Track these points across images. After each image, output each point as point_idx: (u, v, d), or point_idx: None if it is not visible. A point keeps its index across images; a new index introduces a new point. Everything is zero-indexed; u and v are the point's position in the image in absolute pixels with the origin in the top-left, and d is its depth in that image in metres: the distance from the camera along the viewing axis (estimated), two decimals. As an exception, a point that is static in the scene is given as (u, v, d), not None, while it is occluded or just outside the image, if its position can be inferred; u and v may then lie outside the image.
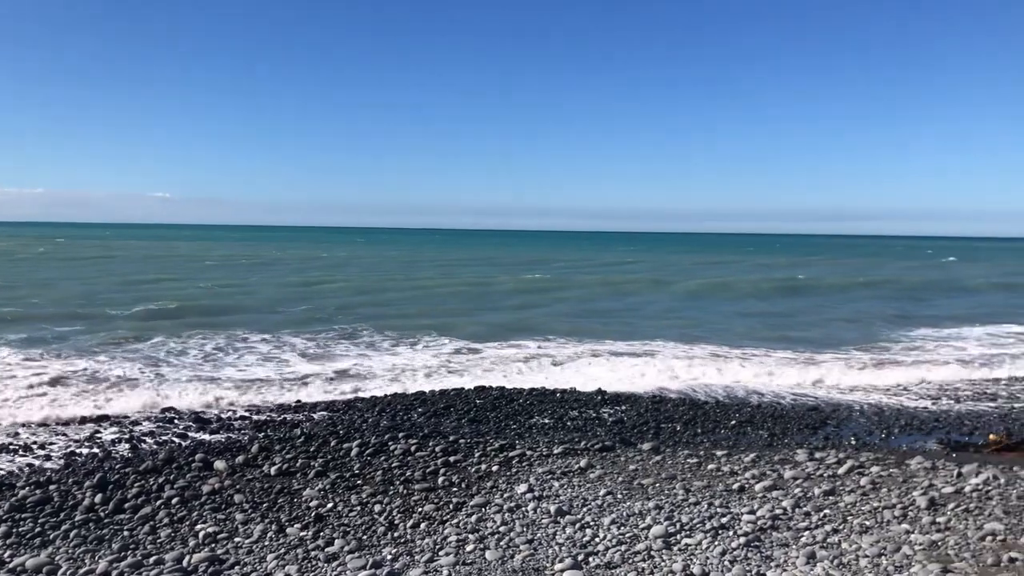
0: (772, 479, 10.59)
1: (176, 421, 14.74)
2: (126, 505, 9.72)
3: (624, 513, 9.19)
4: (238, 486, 10.54)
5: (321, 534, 8.76)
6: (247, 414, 15.49)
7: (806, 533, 8.50)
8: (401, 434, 13.07)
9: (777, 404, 16.99)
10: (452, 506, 9.67)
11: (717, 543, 8.20)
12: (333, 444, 12.61)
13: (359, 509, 9.62)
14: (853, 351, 24.45)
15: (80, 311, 31.03)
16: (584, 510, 9.36)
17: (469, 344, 24.75)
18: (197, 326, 26.98)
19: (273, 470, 11.16)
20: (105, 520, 9.28)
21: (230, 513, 9.52)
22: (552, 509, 9.28)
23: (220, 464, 11.41)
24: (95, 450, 12.49)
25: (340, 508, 9.65)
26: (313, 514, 9.38)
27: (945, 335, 28.75)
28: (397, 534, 8.77)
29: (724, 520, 8.87)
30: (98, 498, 9.85)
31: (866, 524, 8.77)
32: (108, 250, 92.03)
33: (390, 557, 8.05)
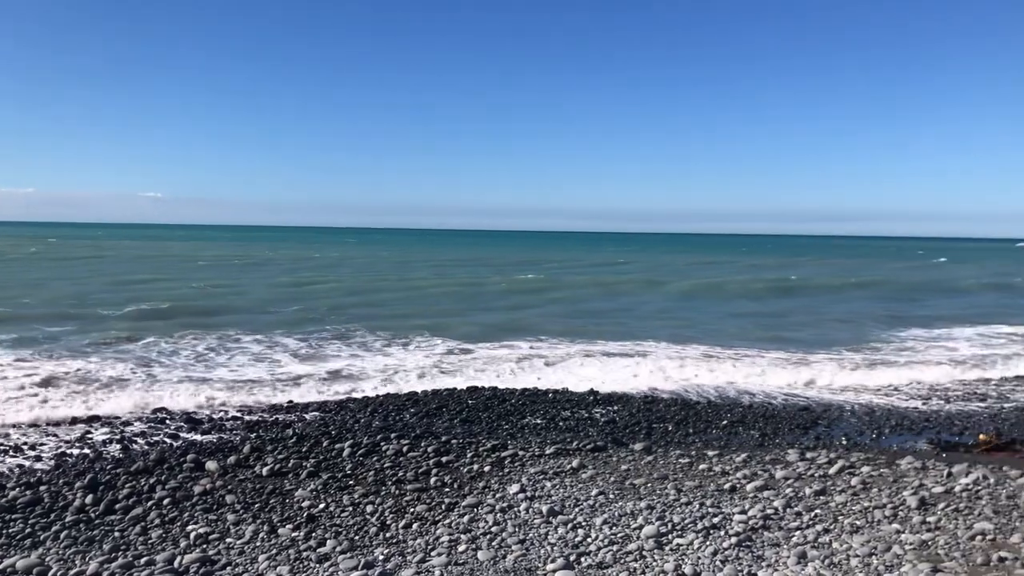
0: (763, 479, 10.62)
1: (168, 422, 14.71)
2: (117, 506, 9.69)
3: (616, 513, 9.21)
4: (230, 487, 10.52)
5: (313, 534, 8.75)
6: (239, 414, 15.47)
7: (797, 533, 8.53)
8: (393, 434, 13.07)
9: (768, 404, 17.04)
10: (444, 506, 9.68)
11: (709, 543, 8.22)
12: (325, 444, 12.60)
13: (351, 509, 9.61)
14: (844, 351, 24.53)
15: (71, 311, 30.92)
16: (576, 510, 9.37)
17: (462, 344, 24.74)
18: (189, 326, 26.91)
19: (265, 470, 11.14)
20: (96, 521, 9.26)
21: (222, 514, 9.51)
22: (544, 509, 9.28)
23: (212, 465, 11.39)
24: (86, 451, 12.46)
25: (332, 508, 9.64)
26: (305, 514, 9.37)
27: (936, 335, 28.88)
28: (389, 534, 8.77)
29: (716, 520, 8.89)
30: (89, 499, 9.82)
31: (857, 524, 8.81)
32: (100, 250, 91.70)
33: (382, 557, 8.05)
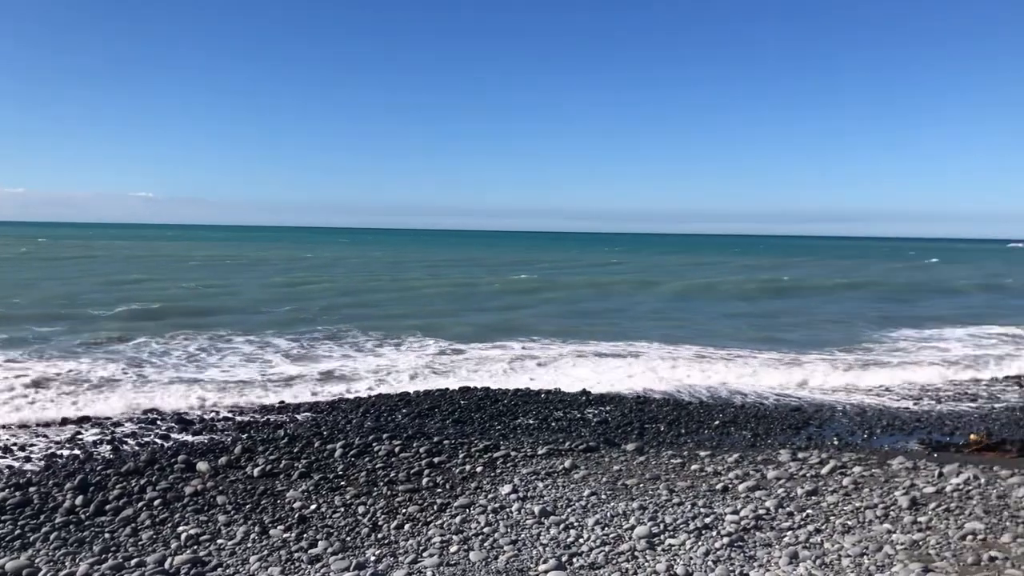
0: (755, 479, 10.64)
1: (158, 422, 14.64)
2: (107, 507, 9.64)
3: (608, 514, 9.21)
4: (221, 487, 10.48)
5: (304, 535, 8.72)
6: (230, 415, 15.41)
7: (789, 533, 8.54)
8: (385, 435, 13.04)
9: (760, 404, 17.06)
10: (436, 507, 9.66)
11: (700, 543, 8.22)
12: (317, 445, 12.56)
13: (343, 510, 9.58)
14: (836, 352, 24.59)
15: (62, 312, 30.78)
16: (568, 511, 9.36)
17: (454, 345, 24.72)
18: (180, 327, 26.81)
19: (256, 471, 11.10)
20: (86, 522, 9.21)
21: (213, 515, 9.47)
22: (536, 510, 9.28)
23: (203, 465, 11.35)
24: (76, 452, 12.39)
25: (323, 509, 9.62)
26: (296, 515, 9.34)
27: (927, 336, 28.97)
28: (381, 535, 8.75)
29: (707, 520, 8.90)
30: (79, 500, 9.76)
31: (848, 524, 8.82)
32: (90, 250, 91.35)
33: (374, 558, 8.02)
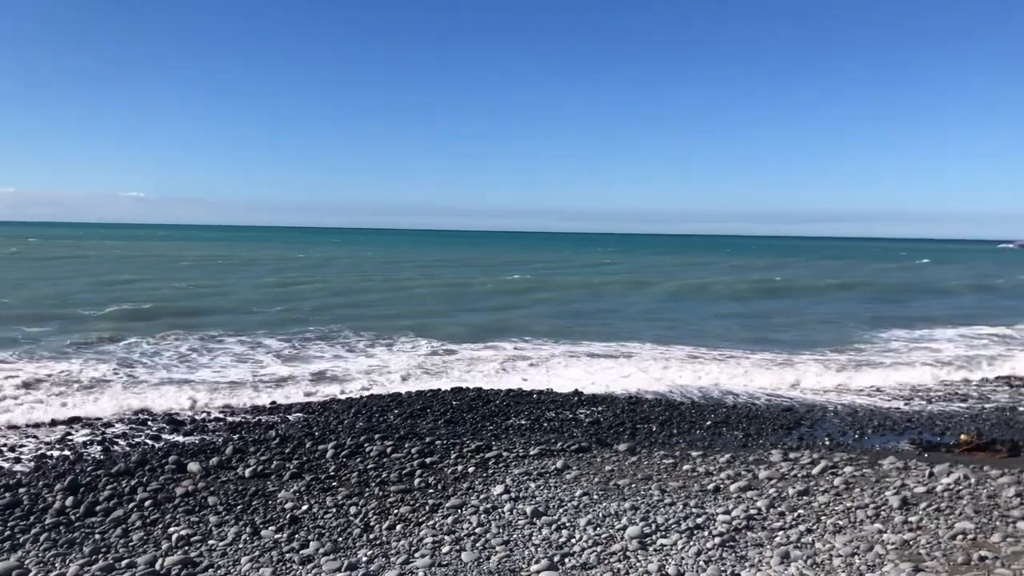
0: (747, 479, 10.65)
1: (149, 423, 14.59)
2: (98, 508, 9.60)
3: (600, 514, 9.21)
4: (212, 488, 10.45)
5: (296, 536, 8.70)
6: (221, 416, 15.36)
7: (780, 533, 8.55)
8: (377, 436, 13.02)
9: (752, 405, 17.09)
10: (428, 507, 9.64)
11: (692, 543, 8.23)
12: (308, 446, 12.53)
13: (334, 511, 9.56)
14: (828, 352, 24.65)
15: (52, 312, 30.65)
16: (560, 511, 9.36)
17: (446, 345, 24.70)
18: (172, 327, 26.72)
19: (247, 472, 11.07)
20: (76, 523, 9.16)
21: (204, 515, 9.44)
22: (528, 510, 9.27)
23: (194, 466, 11.31)
24: (66, 452, 12.33)
25: (315, 510, 9.59)
26: (288, 516, 9.32)
27: (918, 336, 29.07)
28: (372, 536, 8.73)
29: (699, 520, 8.90)
30: (69, 501, 9.72)
31: (839, 524, 8.84)
32: (81, 250, 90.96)
33: (365, 559, 8.01)
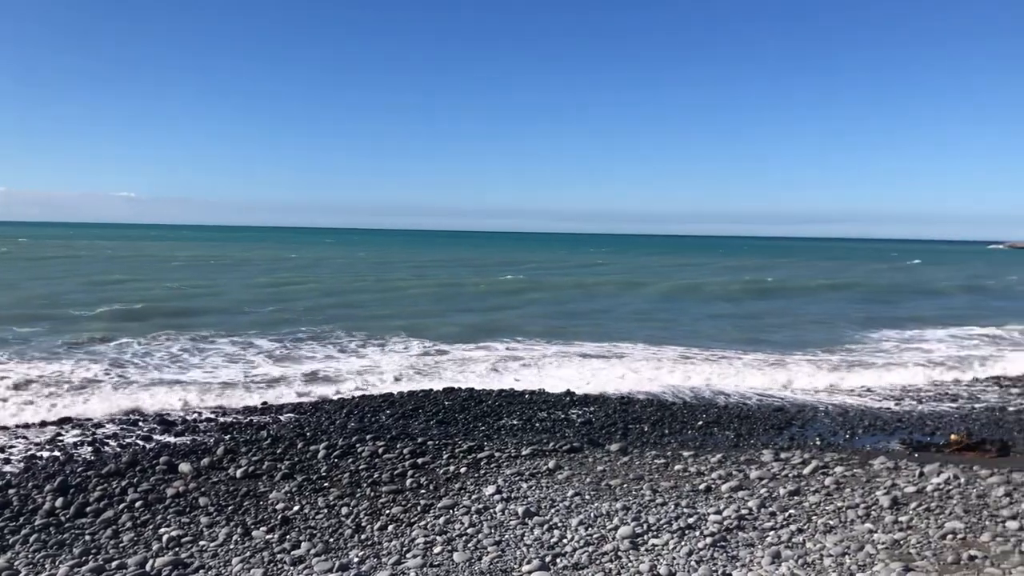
0: (738, 479, 10.67)
1: (140, 423, 14.54)
2: (88, 509, 9.57)
3: (592, 514, 9.21)
4: (203, 489, 10.42)
5: (287, 537, 8.68)
6: (213, 416, 15.32)
7: (771, 533, 8.57)
8: (369, 436, 13.00)
9: (743, 405, 17.13)
10: (420, 508, 9.63)
11: (684, 543, 8.24)
12: (300, 446, 12.50)
13: (326, 511, 9.54)
14: (820, 353, 24.73)
15: (43, 312, 30.51)
16: (552, 511, 9.36)
17: (439, 345, 24.68)
18: (163, 327, 26.65)
19: (239, 472, 11.04)
20: (66, 524, 9.13)
21: (195, 516, 9.41)
22: (520, 510, 9.27)
23: (185, 467, 11.28)
24: (56, 453, 12.27)
25: (307, 510, 9.57)
26: (279, 517, 9.29)
27: (909, 337, 29.18)
28: (364, 536, 8.71)
29: (691, 520, 8.92)
30: (59, 502, 9.68)
31: (830, 524, 8.87)
32: (72, 250, 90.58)
33: (357, 559, 8.00)
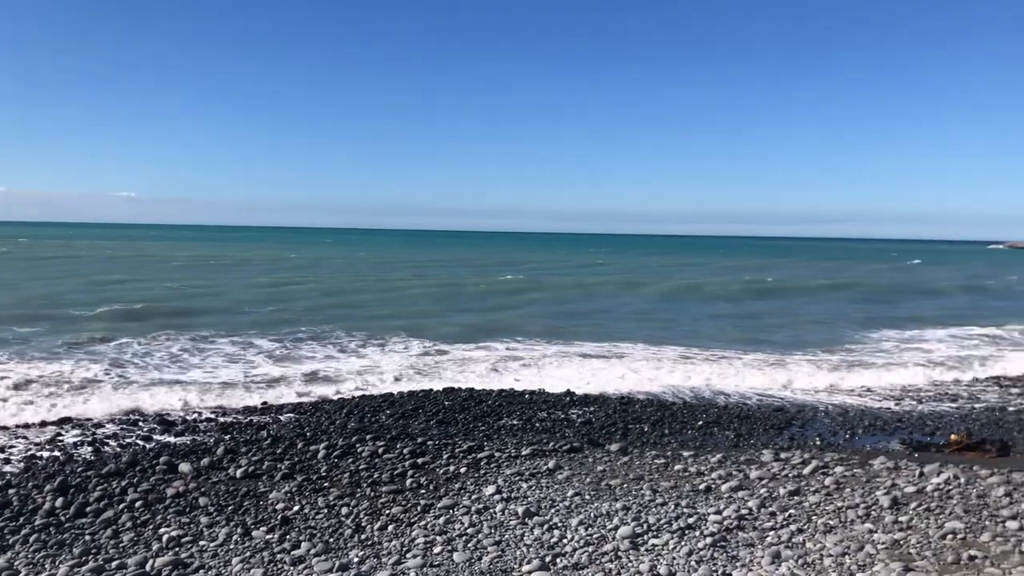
0: (738, 479, 10.67)
1: (140, 423, 14.54)
2: (88, 509, 9.57)
3: (592, 514, 9.21)
4: (203, 489, 10.42)
5: (287, 537, 8.68)
6: (213, 416, 15.32)
7: (771, 533, 8.57)
8: (369, 436, 13.00)
9: (743, 405, 17.13)
10: (420, 508, 9.63)
11: (684, 543, 8.24)
12: (300, 446, 12.50)
13: (326, 511, 9.54)
14: (819, 353, 24.72)
15: (43, 312, 30.51)
16: (552, 511, 9.36)
17: (439, 345, 24.68)
18: (163, 327, 26.65)
19: (239, 472, 11.04)
20: (66, 524, 9.13)
21: (195, 516, 9.41)
22: (520, 510, 9.27)
23: (185, 467, 11.28)
24: (56, 453, 12.27)
25: (307, 510, 9.57)
26: (279, 517, 9.29)
27: (909, 337, 29.17)
28: (364, 536, 8.71)
29: (691, 520, 8.92)
30: (59, 502, 9.68)
31: (830, 524, 8.87)
32: (72, 250, 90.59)
33: (357, 559, 8.00)
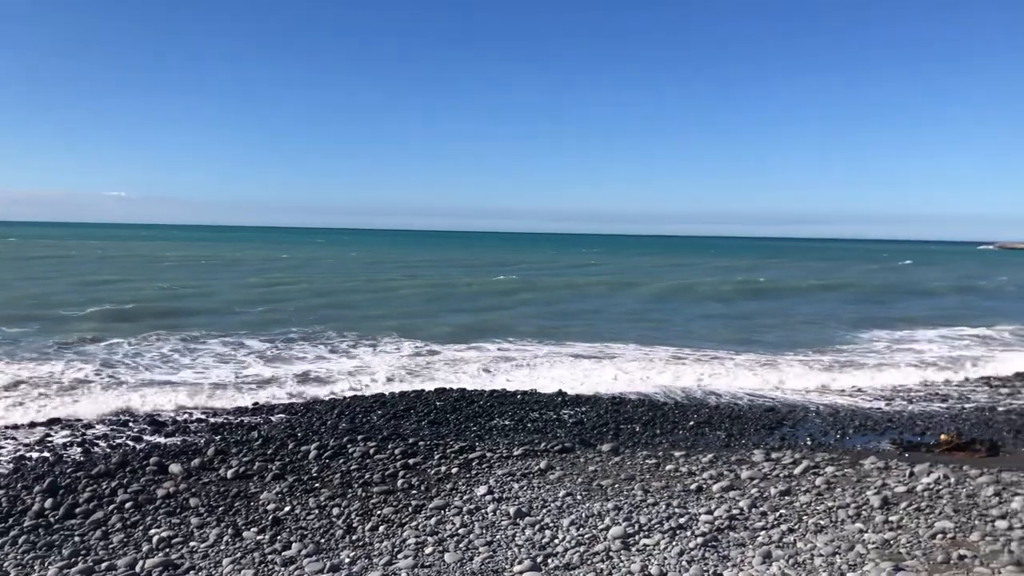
0: (729, 479, 10.69)
1: (131, 424, 14.48)
2: (77, 510, 9.52)
3: (583, 514, 9.21)
4: (194, 489, 10.38)
5: (278, 538, 8.65)
6: (203, 417, 15.27)
7: (762, 533, 8.59)
8: (360, 436, 12.97)
9: (735, 405, 17.17)
10: (411, 508, 9.62)
11: (675, 543, 8.24)
12: (291, 447, 12.47)
13: (317, 512, 9.52)
14: (811, 353, 24.80)
15: (33, 312, 30.37)
16: (543, 511, 9.36)
17: (430, 346, 24.66)
18: (154, 328, 26.56)
19: (230, 473, 11.00)
20: (55, 526, 9.08)
21: (185, 517, 9.37)
22: (512, 511, 9.26)
23: (175, 467, 11.23)
24: (45, 454, 12.22)
25: (298, 511, 9.55)
26: (270, 517, 9.26)
27: (900, 337, 29.27)
28: (355, 537, 8.70)
29: (682, 520, 8.93)
30: (48, 503, 9.63)
31: (821, 523, 8.89)
32: (63, 250, 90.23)
33: (348, 560, 7.98)
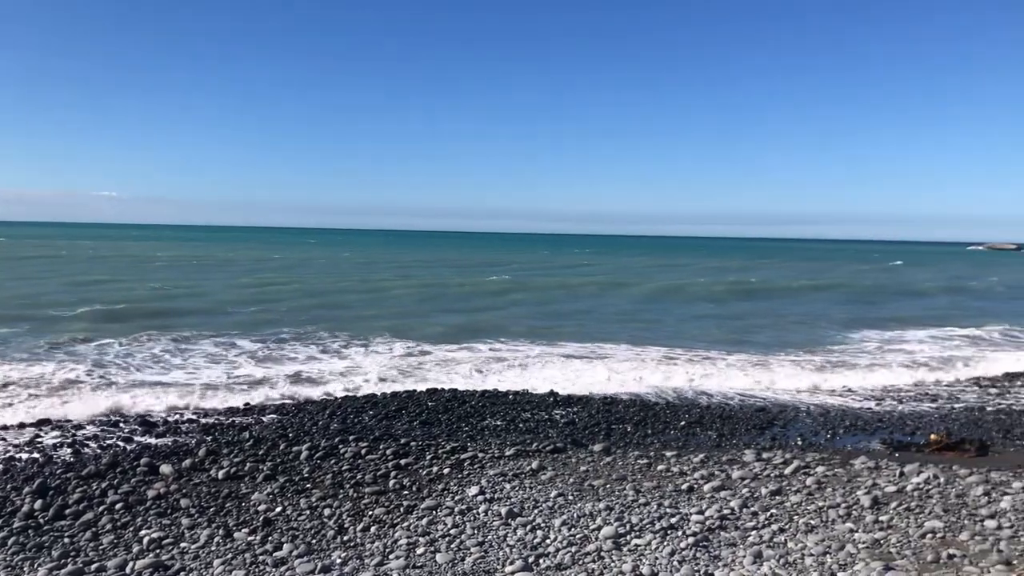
0: (720, 479, 10.71)
1: (121, 425, 14.43)
2: (67, 511, 9.48)
3: (575, 514, 9.22)
4: (184, 490, 10.36)
5: (269, 538, 8.64)
6: (195, 417, 15.23)
7: (753, 533, 8.61)
8: (352, 437, 12.97)
9: (726, 405, 17.21)
10: (403, 509, 9.62)
11: (666, 543, 8.26)
12: (282, 447, 12.45)
13: (308, 513, 9.51)
14: (802, 353, 24.89)
15: (24, 312, 30.23)
16: (535, 512, 9.37)
17: (423, 346, 24.65)
18: (145, 328, 26.46)
19: (221, 474, 10.98)
20: (45, 527, 9.05)
21: (176, 518, 9.35)
22: (503, 511, 9.27)
23: (166, 468, 11.20)
24: (35, 455, 12.16)
25: (289, 512, 9.53)
26: (261, 518, 9.25)
27: (890, 338, 29.41)
28: (347, 538, 8.69)
29: (673, 520, 8.94)
30: (38, 504, 9.60)
31: (811, 523, 8.92)
32: (53, 250, 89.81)
33: (339, 561, 7.97)
